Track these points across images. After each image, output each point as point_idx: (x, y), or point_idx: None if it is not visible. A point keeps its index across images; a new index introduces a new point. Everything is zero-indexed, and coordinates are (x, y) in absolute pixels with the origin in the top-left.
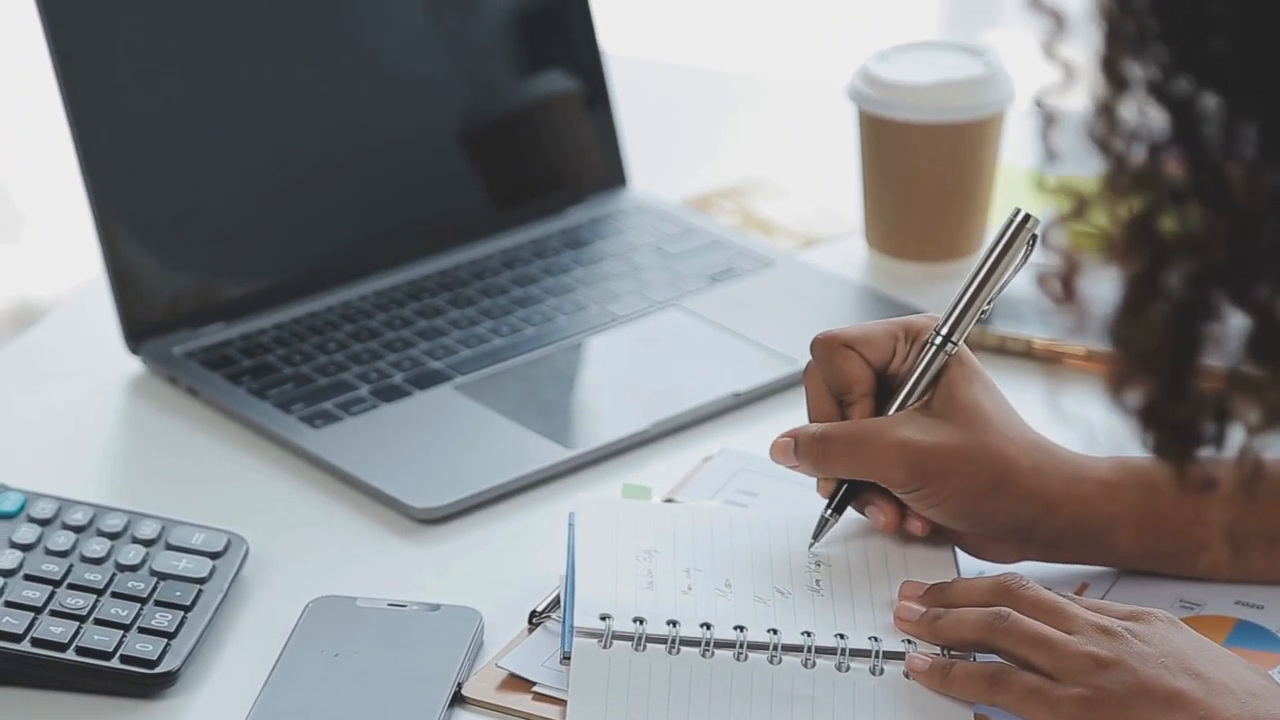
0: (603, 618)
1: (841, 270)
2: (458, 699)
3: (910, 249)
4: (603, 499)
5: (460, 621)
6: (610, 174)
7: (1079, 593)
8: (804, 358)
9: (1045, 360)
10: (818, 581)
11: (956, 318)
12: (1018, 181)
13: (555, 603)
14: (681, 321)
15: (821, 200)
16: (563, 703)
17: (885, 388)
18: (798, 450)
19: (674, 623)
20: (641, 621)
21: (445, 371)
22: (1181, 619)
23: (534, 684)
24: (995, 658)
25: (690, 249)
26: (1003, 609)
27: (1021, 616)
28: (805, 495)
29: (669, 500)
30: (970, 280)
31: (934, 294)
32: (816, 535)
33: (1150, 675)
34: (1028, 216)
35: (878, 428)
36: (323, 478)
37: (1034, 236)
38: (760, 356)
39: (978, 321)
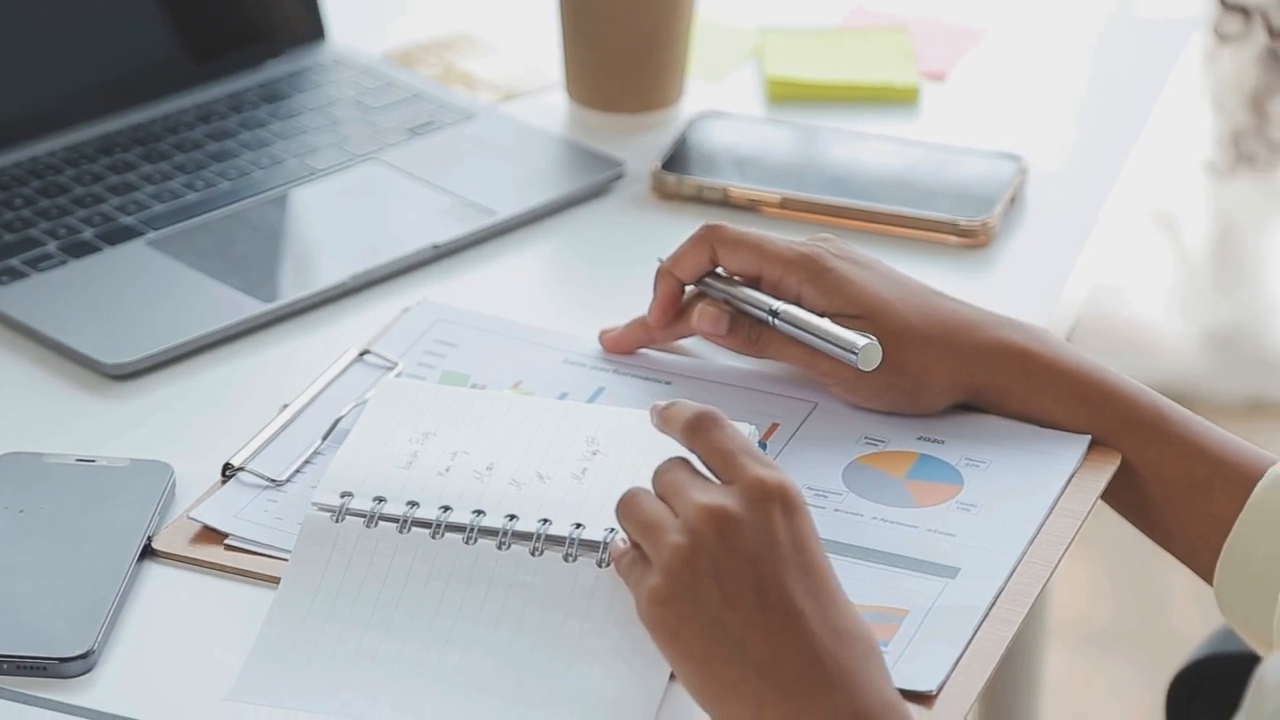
0: (343, 495)
1: (542, 123)
2: (148, 552)
3: (609, 100)
4: (407, 383)
5: (151, 475)
6: (308, 27)
7: (768, 434)
8: (503, 209)
9: (742, 208)
10: (584, 470)
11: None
12: (716, 33)
13: (251, 455)
14: (381, 174)
15: (524, 55)
16: (254, 554)
17: None
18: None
19: (414, 503)
20: (381, 500)
21: (137, 227)
22: (866, 454)
23: (226, 535)
24: None
25: (390, 102)
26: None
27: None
28: (502, 347)
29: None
30: None
31: (632, 144)
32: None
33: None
34: None
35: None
36: (9, 335)
37: None
38: (460, 209)
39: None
